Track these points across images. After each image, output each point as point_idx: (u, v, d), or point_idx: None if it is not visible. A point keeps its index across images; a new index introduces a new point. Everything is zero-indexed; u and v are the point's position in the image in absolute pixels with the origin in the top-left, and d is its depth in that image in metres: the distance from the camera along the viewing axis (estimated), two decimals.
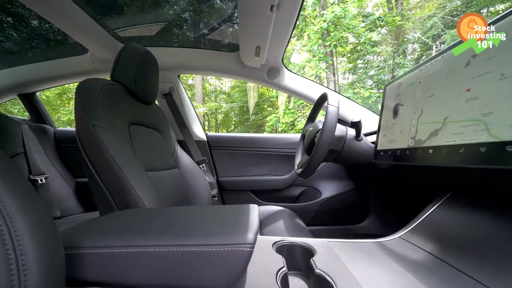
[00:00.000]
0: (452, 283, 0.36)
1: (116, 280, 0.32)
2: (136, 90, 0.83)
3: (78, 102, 0.66)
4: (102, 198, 0.63)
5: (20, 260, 0.25)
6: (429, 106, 0.47)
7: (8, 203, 0.26)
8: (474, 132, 0.36)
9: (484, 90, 0.36)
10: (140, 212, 0.46)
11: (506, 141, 0.31)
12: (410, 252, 0.48)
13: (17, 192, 0.28)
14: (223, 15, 1.10)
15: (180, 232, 0.34)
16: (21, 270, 0.24)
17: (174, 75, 1.27)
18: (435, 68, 0.48)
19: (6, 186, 0.27)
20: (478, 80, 0.37)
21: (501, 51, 0.34)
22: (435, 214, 0.56)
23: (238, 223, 0.36)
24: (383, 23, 7.16)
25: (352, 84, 8.34)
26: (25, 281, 0.24)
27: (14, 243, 0.25)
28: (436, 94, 0.46)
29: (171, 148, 1.01)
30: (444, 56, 0.46)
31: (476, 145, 0.35)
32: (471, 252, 0.41)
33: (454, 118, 0.40)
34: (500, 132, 0.32)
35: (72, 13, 0.90)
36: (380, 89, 7.69)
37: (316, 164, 0.77)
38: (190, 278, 0.31)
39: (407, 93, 0.56)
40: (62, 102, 8.48)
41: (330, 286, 0.38)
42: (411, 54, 8.22)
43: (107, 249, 0.31)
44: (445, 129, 0.41)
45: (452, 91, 0.42)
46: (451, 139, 0.40)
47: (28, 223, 0.27)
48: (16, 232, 0.25)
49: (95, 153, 0.62)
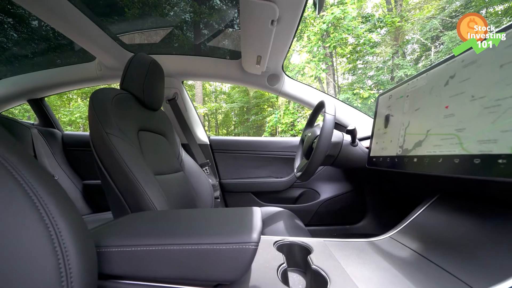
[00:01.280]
0: (432, 279, 0.41)
1: (139, 274, 0.37)
2: (144, 98, 0.88)
3: (91, 110, 0.71)
4: (115, 201, 0.67)
5: (65, 256, 0.30)
6: (415, 118, 0.52)
7: (52, 208, 0.31)
8: (450, 145, 0.41)
9: (459, 108, 0.41)
10: (155, 214, 0.51)
11: (474, 155, 0.36)
12: (398, 250, 0.53)
13: (55, 196, 0.33)
14: (226, 23, 1.14)
15: (193, 232, 0.39)
16: (66, 265, 0.29)
17: (178, 81, 1.32)
18: (421, 84, 0.53)
19: (46, 189, 0.32)
20: (455, 99, 0.42)
21: (473, 75, 0.39)
22: (423, 216, 0.61)
23: (244, 224, 0.41)
24: (382, 24, 7.21)
25: (351, 85, 8.39)
26: (70, 274, 0.29)
27: (60, 242, 0.30)
28: (421, 108, 0.51)
29: (176, 152, 1.06)
30: (428, 74, 0.51)
31: (451, 157, 0.40)
32: (452, 251, 0.46)
33: (435, 131, 0.45)
34: (470, 147, 0.37)
35: (80, 22, 0.94)
36: (379, 89, 7.74)
37: (314, 169, 0.82)
38: (202, 272, 0.36)
39: (397, 105, 0.61)
40: (62, 103, 8.53)
41: (324, 280, 0.43)
42: (411, 55, 8.27)
43: (132, 247, 0.36)
44: (428, 141, 0.47)
45: (433, 106, 0.47)
46: (432, 150, 0.45)
47: (68, 225, 0.32)
48: (60, 233, 0.30)
49: (109, 159, 0.67)
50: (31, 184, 0.31)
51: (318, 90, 1.30)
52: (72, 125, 7.81)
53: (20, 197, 0.30)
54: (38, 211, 0.30)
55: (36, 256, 0.28)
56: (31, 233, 0.29)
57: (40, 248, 0.29)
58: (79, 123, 7.86)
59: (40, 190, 0.32)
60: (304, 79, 8.87)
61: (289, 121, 7.33)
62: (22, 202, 0.30)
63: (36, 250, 0.28)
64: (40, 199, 0.31)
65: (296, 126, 7.21)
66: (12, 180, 0.31)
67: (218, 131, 11.59)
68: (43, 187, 0.32)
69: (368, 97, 6.23)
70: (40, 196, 0.31)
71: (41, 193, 0.32)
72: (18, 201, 0.30)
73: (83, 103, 7.78)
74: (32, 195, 0.31)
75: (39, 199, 0.31)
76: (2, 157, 0.31)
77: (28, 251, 0.29)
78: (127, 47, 1.20)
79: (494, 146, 0.33)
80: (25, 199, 0.30)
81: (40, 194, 0.32)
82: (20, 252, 0.28)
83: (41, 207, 0.31)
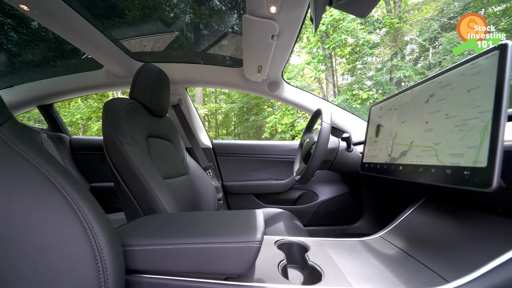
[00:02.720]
0: (412, 272, 0.47)
1: (160, 269, 0.43)
2: (152, 106, 0.94)
3: (105, 120, 0.77)
4: (128, 204, 0.73)
5: (100, 254, 0.35)
6: (401, 130, 0.58)
7: (87, 212, 0.37)
8: (428, 156, 0.47)
9: (436, 124, 0.46)
10: (169, 217, 0.57)
11: (447, 166, 0.42)
12: (386, 249, 0.59)
13: (88, 201, 0.39)
14: (229, 34, 1.20)
15: (205, 233, 0.45)
16: (101, 261, 0.35)
17: (182, 88, 1.38)
18: (406, 99, 0.59)
19: (80, 194, 0.38)
20: (433, 115, 0.48)
21: (448, 96, 0.45)
22: (410, 217, 0.67)
23: (249, 226, 0.46)
24: (381, 25, 7.26)
25: (351, 85, 8.45)
26: (105, 268, 0.35)
27: (96, 242, 0.36)
28: (406, 121, 0.57)
29: (181, 156, 1.12)
30: (413, 90, 0.57)
31: (430, 167, 0.46)
32: (432, 249, 0.52)
33: (417, 143, 0.51)
34: (444, 159, 0.43)
35: (89, 33, 0.99)
36: (378, 90, 7.80)
37: (312, 173, 0.88)
38: (213, 266, 0.42)
39: (386, 116, 0.67)
40: (63, 104, 8.56)
41: (319, 275, 0.49)
42: (410, 55, 8.33)
43: (153, 246, 0.42)
44: (411, 151, 0.52)
45: (416, 120, 0.53)
46: (414, 160, 0.51)
47: (101, 228, 0.38)
48: (96, 234, 0.36)
49: (122, 166, 0.72)
50: (68, 191, 0.37)
51: (316, 96, 1.36)
52: (72, 126, 7.85)
53: (61, 204, 0.36)
54: (77, 216, 0.36)
55: (78, 256, 0.34)
56: (73, 236, 0.35)
57: (81, 249, 0.34)
58: (80, 124, 7.89)
59: (76, 196, 0.37)
60: (303, 79, 8.93)
61: (288, 122, 7.39)
62: (64, 209, 0.36)
63: (79, 250, 0.34)
64: (78, 205, 0.37)
65: (296, 126, 7.27)
66: (53, 189, 0.36)
67: (218, 131, 11.63)
68: (77, 193, 0.38)
69: (367, 98, 6.30)
70: (77, 202, 0.37)
71: (77, 199, 0.37)
72: (62, 209, 0.35)
73: (84, 104, 7.82)
74: (71, 201, 0.37)
75: (76, 204, 0.37)
76: (43, 168, 0.37)
77: (71, 251, 0.34)
78: (133, 55, 1.26)
79: (462, 160, 0.39)
80: (66, 206, 0.36)
81: (77, 199, 0.37)
82: (64, 253, 0.34)
83: (79, 212, 0.36)
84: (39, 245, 0.33)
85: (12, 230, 0.33)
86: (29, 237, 0.33)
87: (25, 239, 0.33)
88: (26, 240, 0.33)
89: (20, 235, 0.33)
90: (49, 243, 0.34)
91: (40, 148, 0.40)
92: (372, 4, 0.62)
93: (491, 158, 0.34)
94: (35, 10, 0.80)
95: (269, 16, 0.77)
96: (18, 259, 0.32)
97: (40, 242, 0.33)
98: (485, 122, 0.36)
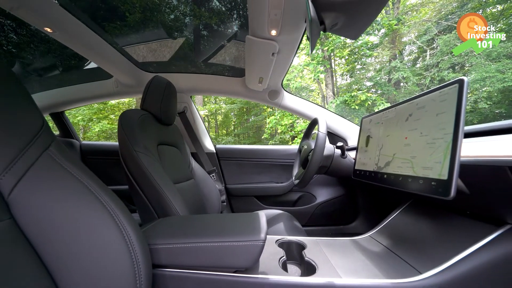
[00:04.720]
0: (392, 266, 0.55)
1: (180, 263, 0.51)
2: (161, 116, 1.02)
3: (121, 131, 0.84)
4: (143, 207, 0.81)
5: (133, 250, 0.44)
6: (386, 143, 0.67)
7: (120, 215, 0.45)
8: (407, 167, 0.55)
9: (413, 141, 0.55)
10: (184, 219, 0.65)
11: (420, 177, 0.50)
12: (373, 246, 0.67)
13: (120, 205, 0.46)
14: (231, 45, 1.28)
15: (217, 233, 0.53)
16: (134, 257, 0.43)
17: (187, 96, 1.46)
18: (391, 116, 0.67)
19: (113, 200, 0.46)
20: (411, 132, 0.56)
21: (422, 117, 0.53)
22: (396, 218, 0.75)
23: (253, 226, 0.55)
24: (379, 26, 7.34)
25: (350, 86, 8.53)
26: (139, 264, 0.43)
27: (130, 240, 0.44)
28: (390, 135, 0.65)
29: (188, 161, 1.20)
30: (396, 109, 0.65)
31: (407, 177, 0.54)
32: (412, 246, 0.60)
33: (398, 155, 0.59)
34: (418, 171, 0.51)
35: (100, 46, 1.06)
36: (377, 90, 7.89)
37: (309, 177, 0.96)
38: (224, 261, 0.50)
39: (375, 129, 0.75)
40: None
41: (314, 268, 0.57)
42: (408, 56, 8.40)
43: (174, 244, 0.51)
44: (393, 162, 0.61)
45: (398, 136, 0.61)
46: (395, 170, 0.59)
47: (132, 229, 0.46)
48: (129, 234, 0.44)
49: (138, 173, 0.80)
50: (105, 199, 0.45)
51: (313, 103, 1.45)
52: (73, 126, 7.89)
53: (101, 210, 0.44)
54: (114, 220, 0.44)
55: (118, 254, 0.42)
56: (113, 237, 0.43)
57: (120, 248, 0.42)
58: (80, 125, 7.95)
59: (111, 203, 0.45)
60: (303, 80, 9.00)
61: (288, 123, 7.46)
62: (104, 214, 0.44)
63: (119, 249, 0.42)
64: (114, 211, 0.45)
65: (296, 127, 7.35)
66: (93, 197, 0.44)
67: (218, 132, 11.70)
68: (112, 200, 0.46)
69: (365, 100, 6.38)
70: (113, 208, 0.45)
71: (112, 205, 0.45)
72: (102, 214, 0.43)
73: (84, 106, 7.88)
74: (108, 207, 0.45)
75: (112, 210, 0.45)
76: (84, 179, 0.45)
77: (111, 250, 0.42)
78: (141, 66, 1.34)
79: (430, 172, 0.47)
80: (105, 211, 0.44)
81: (112, 206, 0.45)
82: (107, 252, 0.42)
83: (115, 217, 0.44)
84: (85, 246, 0.41)
85: (62, 234, 0.40)
86: (77, 238, 0.41)
87: (74, 240, 0.41)
88: (76, 241, 0.41)
89: (69, 236, 0.41)
90: (93, 243, 0.42)
91: (80, 163, 0.48)
92: (362, 28, 0.70)
93: (450, 172, 0.42)
94: (57, 31, 0.87)
95: (270, 37, 0.85)
96: (70, 259, 0.40)
97: (86, 243, 0.41)
98: (447, 142, 0.44)
